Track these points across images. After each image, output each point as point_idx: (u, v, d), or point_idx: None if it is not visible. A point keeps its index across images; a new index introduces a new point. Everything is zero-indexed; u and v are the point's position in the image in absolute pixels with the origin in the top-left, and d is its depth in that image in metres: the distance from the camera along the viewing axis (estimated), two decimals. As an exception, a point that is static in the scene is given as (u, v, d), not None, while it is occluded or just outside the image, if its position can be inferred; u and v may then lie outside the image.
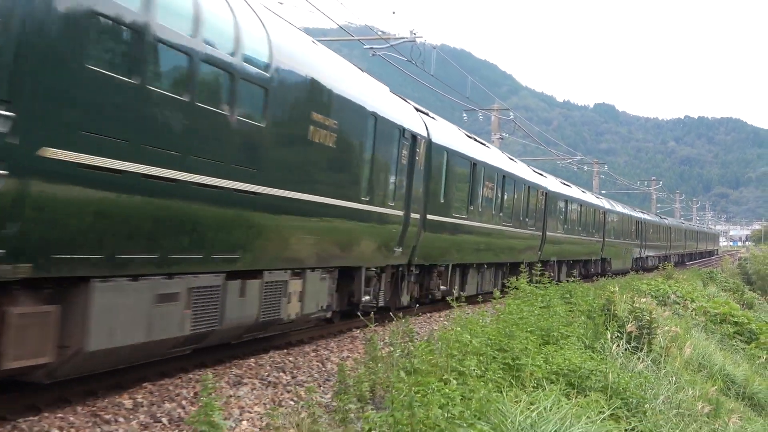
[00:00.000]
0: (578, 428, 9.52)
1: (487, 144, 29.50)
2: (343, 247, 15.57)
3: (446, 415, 8.66)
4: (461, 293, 19.74)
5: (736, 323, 32.75)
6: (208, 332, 11.04)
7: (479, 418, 9.09)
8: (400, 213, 18.00)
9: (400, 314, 14.06)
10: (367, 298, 17.00)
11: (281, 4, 30.03)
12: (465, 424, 8.63)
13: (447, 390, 9.55)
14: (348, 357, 14.38)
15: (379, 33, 34.40)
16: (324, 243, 14.67)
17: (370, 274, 17.05)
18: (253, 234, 11.67)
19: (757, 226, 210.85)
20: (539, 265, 28.59)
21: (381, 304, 17.99)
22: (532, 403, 10.01)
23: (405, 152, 18.03)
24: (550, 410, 9.80)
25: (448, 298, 15.74)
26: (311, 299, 14.24)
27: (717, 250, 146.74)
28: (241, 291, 11.62)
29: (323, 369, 13.34)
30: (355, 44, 34.60)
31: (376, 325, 14.65)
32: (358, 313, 15.81)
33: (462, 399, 9.57)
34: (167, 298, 9.92)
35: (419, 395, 9.12)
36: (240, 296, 11.61)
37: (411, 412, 8.38)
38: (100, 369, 9.38)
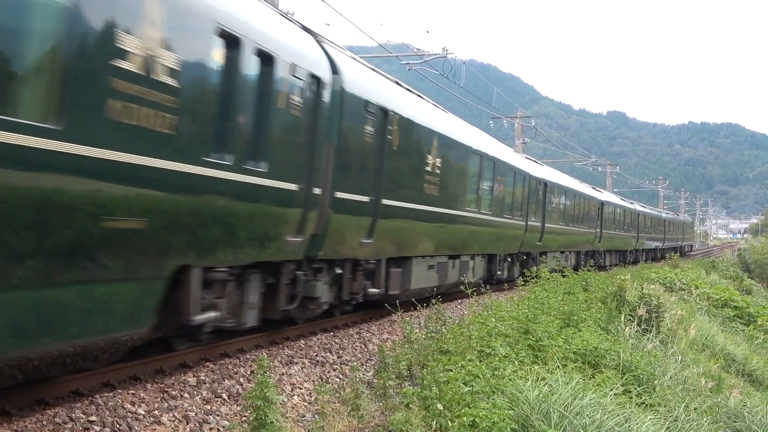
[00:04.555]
0: (587, 399, 9.44)
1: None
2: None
3: (471, 389, 8.63)
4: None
5: (736, 307, 32.59)
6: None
7: (496, 393, 9.04)
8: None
9: (437, 304, 13.94)
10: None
11: (328, 25, 30.01)
12: (486, 398, 8.60)
13: (471, 367, 9.52)
14: (387, 339, 14.33)
15: (415, 50, 34.30)
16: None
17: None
18: None
19: (754, 220, 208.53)
20: (542, 256, 27.77)
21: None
22: (543, 378, 9.94)
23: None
24: (561, 384, 9.71)
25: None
26: None
27: (691, 246, 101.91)
28: None
29: (365, 350, 13.30)
30: (393, 60, 34.58)
31: (409, 311, 14.58)
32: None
33: (492, 376, 9.54)
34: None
35: (449, 373, 9.10)
36: None
37: (439, 388, 8.35)
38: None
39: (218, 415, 8.42)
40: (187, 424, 8.00)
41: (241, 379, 9.90)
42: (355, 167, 13.55)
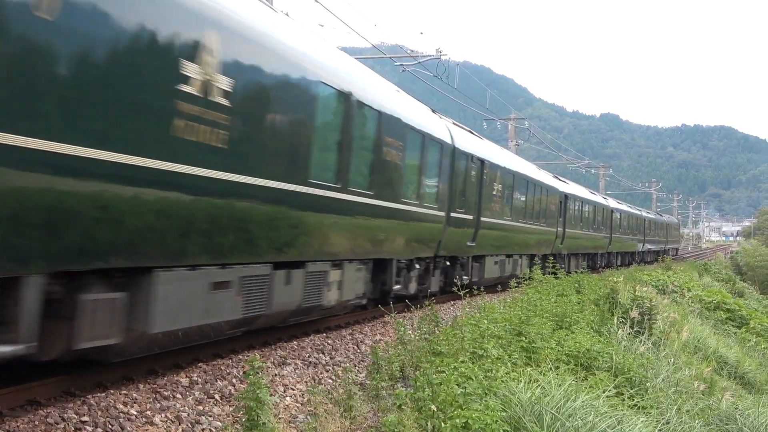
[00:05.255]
0: (579, 401, 9.46)
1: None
2: None
3: (463, 391, 8.65)
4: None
5: (728, 310, 32.73)
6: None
7: (488, 394, 9.06)
8: None
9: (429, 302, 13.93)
10: None
11: (322, 26, 29.97)
12: (479, 399, 8.61)
13: (464, 369, 9.54)
14: (380, 340, 14.32)
15: (409, 51, 34.33)
16: None
17: None
18: None
19: (747, 223, 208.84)
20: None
21: None
22: (536, 380, 9.97)
23: None
24: (554, 386, 9.74)
25: None
26: None
27: (677, 249, 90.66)
28: None
29: (358, 351, 13.29)
30: (387, 61, 34.62)
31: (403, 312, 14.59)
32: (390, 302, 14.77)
33: (484, 378, 9.56)
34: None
35: (442, 375, 9.12)
36: None
37: (432, 389, 8.36)
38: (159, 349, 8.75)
39: (210, 416, 8.41)
40: (180, 424, 7.99)
41: (234, 380, 9.88)
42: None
